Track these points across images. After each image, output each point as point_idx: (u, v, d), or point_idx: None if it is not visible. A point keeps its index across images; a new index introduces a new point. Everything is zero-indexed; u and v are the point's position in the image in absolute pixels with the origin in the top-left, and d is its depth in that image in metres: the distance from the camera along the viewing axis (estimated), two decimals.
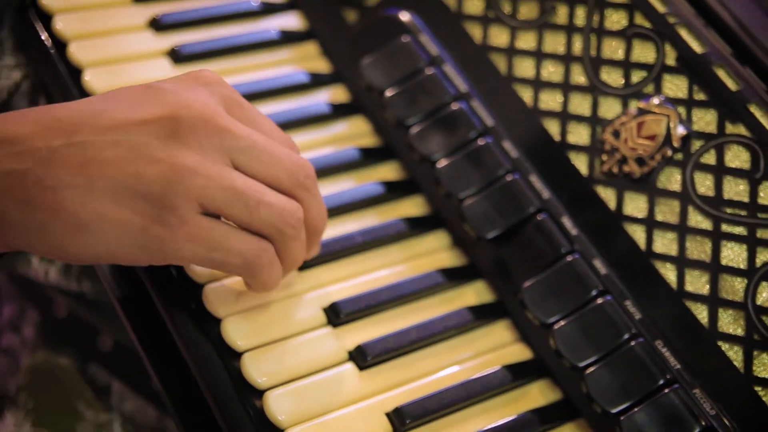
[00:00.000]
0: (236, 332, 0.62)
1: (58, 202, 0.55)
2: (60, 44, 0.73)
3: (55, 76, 0.72)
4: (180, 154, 0.56)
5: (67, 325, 0.83)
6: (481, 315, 0.67)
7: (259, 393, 0.60)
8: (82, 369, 0.81)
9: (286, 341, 0.63)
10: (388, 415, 0.61)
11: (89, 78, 0.71)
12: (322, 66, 0.79)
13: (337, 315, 0.64)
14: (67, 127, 0.56)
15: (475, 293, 0.69)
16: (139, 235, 0.56)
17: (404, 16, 0.76)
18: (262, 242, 0.59)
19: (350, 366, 0.63)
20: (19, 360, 0.83)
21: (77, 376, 0.80)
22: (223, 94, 0.60)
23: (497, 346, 0.67)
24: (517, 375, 0.65)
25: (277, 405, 0.60)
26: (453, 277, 0.69)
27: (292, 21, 0.80)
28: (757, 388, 0.60)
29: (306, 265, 0.66)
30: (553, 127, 0.70)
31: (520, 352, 0.67)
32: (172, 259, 0.57)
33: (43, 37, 0.73)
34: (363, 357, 0.63)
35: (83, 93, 0.71)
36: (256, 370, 0.60)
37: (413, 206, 0.72)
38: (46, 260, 0.79)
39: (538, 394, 0.65)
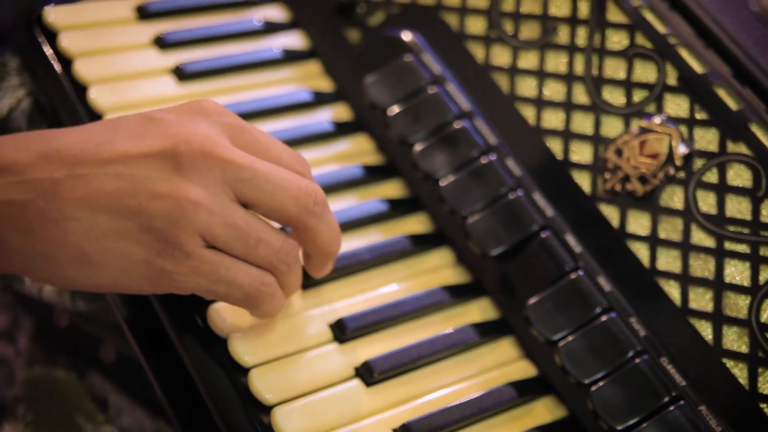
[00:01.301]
0: (243, 348, 0.62)
1: (61, 234, 0.55)
2: (65, 61, 0.73)
3: (60, 93, 0.72)
4: (183, 188, 0.56)
5: (68, 334, 0.83)
6: (485, 332, 0.68)
7: (267, 409, 0.60)
8: (80, 380, 0.81)
9: (293, 357, 0.63)
10: (395, 430, 0.61)
11: (94, 95, 0.71)
12: (325, 85, 0.79)
13: (343, 331, 0.65)
14: (67, 159, 0.56)
15: (479, 310, 0.69)
16: (142, 267, 0.56)
17: (407, 36, 0.77)
18: (265, 276, 0.59)
19: (357, 382, 0.63)
20: (14, 371, 0.83)
21: (76, 388, 0.80)
22: (224, 122, 0.60)
23: (502, 363, 0.67)
24: (522, 392, 0.65)
25: (285, 421, 0.60)
26: (457, 294, 0.69)
27: (294, 40, 0.81)
28: (763, 405, 0.61)
29: (312, 282, 0.66)
30: (556, 146, 0.71)
31: (525, 369, 0.67)
32: (175, 290, 0.58)
33: (48, 54, 0.73)
34: (370, 373, 0.63)
35: (88, 109, 0.71)
36: (263, 385, 0.60)
37: (417, 224, 0.73)
38: None
39: (543, 411, 0.65)
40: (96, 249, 0.56)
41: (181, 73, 0.75)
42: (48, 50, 0.73)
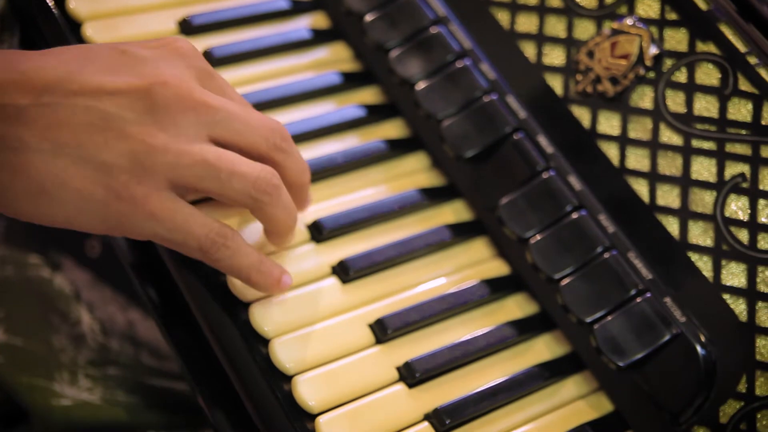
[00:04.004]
0: None
1: (21, 164, 0.54)
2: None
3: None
4: (153, 133, 0.55)
5: (54, 230, 0.84)
6: (460, 232, 0.69)
7: (245, 305, 0.62)
8: (53, 275, 0.81)
9: (270, 256, 0.65)
10: (370, 326, 0.63)
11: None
12: None
13: (320, 231, 0.66)
14: (35, 85, 0.54)
15: (453, 212, 0.71)
16: (100, 207, 0.55)
17: None
18: (224, 228, 0.58)
19: (333, 280, 0.65)
20: None
21: (50, 286, 0.80)
22: (198, 66, 0.60)
23: (476, 262, 0.69)
24: (495, 288, 0.67)
25: (263, 313, 0.62)
26: (433, 196, 0.71)
27: None
28: (725, 296, 0.63)
29: None
30: (529, 50, 0.72)
31: (499, 268, 0.69)
32: (131, 234, 0.57)
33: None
34: (345, 271, 0.65)
35: (68, 20, 0.72)
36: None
37: (394, 129, 0.74)
38: None
39: (515, 307, 0.67)
40: (54, 184, 0.54)
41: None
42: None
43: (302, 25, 0.77)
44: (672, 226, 0.65)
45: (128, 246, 0.69)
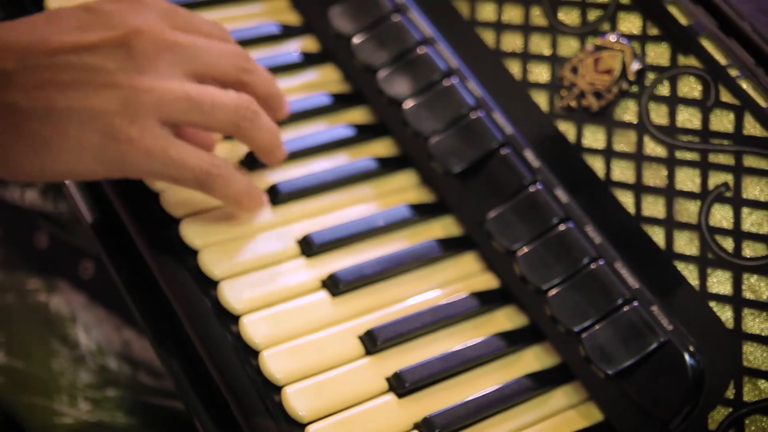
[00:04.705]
0: (213, 262, 0.64)
1: (18, 123, 0.58)
2: None
3: None
4: (136, 77, 0.59)
5: (48, 254, 0.85)
6: (449, 246, 0.70)
7: (235, 318, 0.63)
8: (51, 297, 0.82)
9: (261, 271, 0.65)
10: (360, 337, 0.64)
11: None
12: (293, 19, 0.81)
13: (310, 247, 0.67)
14: (16, 50, 0.58)
15: (442, 227, 0.71)
16: (98, 151, 0.59)
17: None
18: (214, 158, 0.63)
19: (324, 294, 0.66)
20: None
21: (50, 309, 0.82)
22: (162, 8, 0.64)
23: (465, 276, 0.70)
24: (484, 301, 0.68)
25: (253, 329, 0.62)
26: (422, 211, 0.71)
27: None
28: (711, 303, 0.63)
29: (279, 201, 0.69)
30: (514, 67, 0.73)
31: (488, 281, 0.70)
32: (130, 173, 0.61)
33: None
34: (335, 285, 0.66)
35: None
36: (231, 291, 0.63)
37: (383, 147, 0.75)
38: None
39: (504, 319, 0.68)
40: (52, 136, 0.58)
41: None
42: None
43: (292, 48, 0.79)
44: (658, 235, 0.66)
45: (120, 264, 0.69)
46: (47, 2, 0.75)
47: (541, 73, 0.72)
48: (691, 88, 0.68)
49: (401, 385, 0.62)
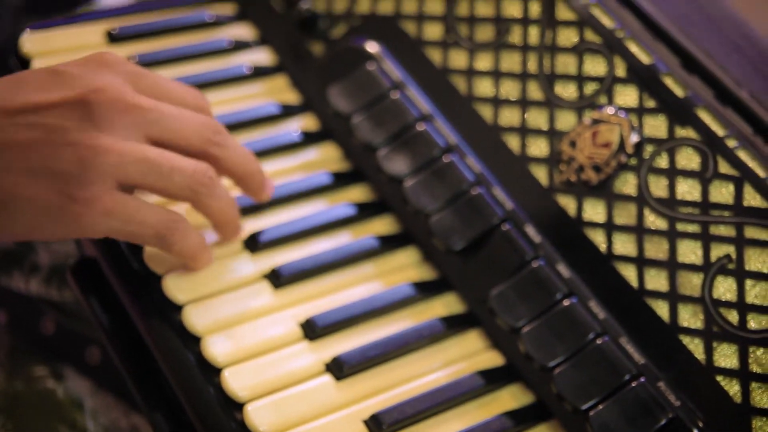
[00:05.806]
0: (218, 349, 0.64)
1: None
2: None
3: None
4: (95, 136, 0.60)
5: (54, 341, 0.85)
6: (453, 324, 0.70)
7: (240, 406, 0.63)
8: (59, 385, 0.82)
9: (264, 356, 0.65)
10: (365, 422, 0.64)
11: None
12: (292, 98, 0.82)
13: (313, 330, 0.67)
14: None
15: (445, 305, 0.71)
16: (56, 211, 0.59)
17: (368, 46, 0.79)
18: (173, 214, 0.63)
19: (328, 377, 0.65)
20: None
21: (57, 396, 0.82)
22: (127, 71, 0.64)
23: (470, 354, 0.69)
24: (489, 380, 0.67)
25: (259, 417, 0.62)
26: (424, 290, 0.71)
27: (262, 56, 0.84)
28: (719, 378, 0.63)
29: (280, 284, 0.69)
30: (513, 142, 0.73)
31: (492, 359, 0.69)
32: (90, 233, 0.61)
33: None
34: (339, 368, 0.65)
35: None
36: (235, 380, 0.63)
37: (384, 225, 0.75)
38: (26, 270, 0.82)
39: (510, 398, 0.67)
40: (10, 197, 0.58)
41: None
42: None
43: (292, 128, 0.79)
44: (662, 309, 0.65)
45: (125, 353, 0.70)
46: (32, 64, 0.76)
47: (539, 148, 0.72)
48: (689, 159, 0.68)
49: None
